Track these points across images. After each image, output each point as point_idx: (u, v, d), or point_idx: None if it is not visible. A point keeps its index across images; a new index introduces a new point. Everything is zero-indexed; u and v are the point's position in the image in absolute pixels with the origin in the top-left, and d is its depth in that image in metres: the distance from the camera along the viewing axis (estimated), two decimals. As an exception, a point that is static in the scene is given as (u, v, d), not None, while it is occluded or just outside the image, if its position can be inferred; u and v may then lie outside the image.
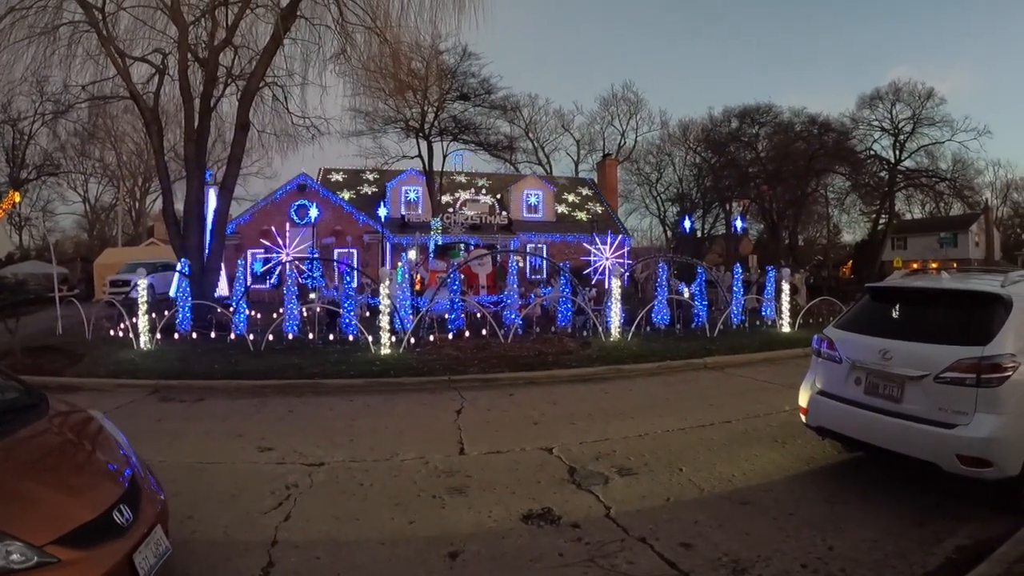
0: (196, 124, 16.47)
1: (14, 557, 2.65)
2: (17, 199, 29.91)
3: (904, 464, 5.02)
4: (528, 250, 32.50)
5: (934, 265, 30.41)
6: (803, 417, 5.94)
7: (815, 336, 6.15)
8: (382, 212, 22.28)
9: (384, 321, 12.66)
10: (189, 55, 16.52)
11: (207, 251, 16.63)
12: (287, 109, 18.85)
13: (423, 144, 31.25)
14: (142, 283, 13.65)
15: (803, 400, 5.93)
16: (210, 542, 4.42)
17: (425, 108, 29.52)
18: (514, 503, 5.11)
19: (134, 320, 13.60)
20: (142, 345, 13.06)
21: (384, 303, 12.85)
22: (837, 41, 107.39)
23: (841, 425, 5.49)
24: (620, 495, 5.28)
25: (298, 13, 16.62)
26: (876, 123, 46.22)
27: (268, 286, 22.35)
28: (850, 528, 4.56)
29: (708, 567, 4.03)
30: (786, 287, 16.40)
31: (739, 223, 23.84)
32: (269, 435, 7.20)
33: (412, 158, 32.68)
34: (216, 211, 17.11)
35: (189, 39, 16.54)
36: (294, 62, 18.35)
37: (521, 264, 30.66)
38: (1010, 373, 4.52)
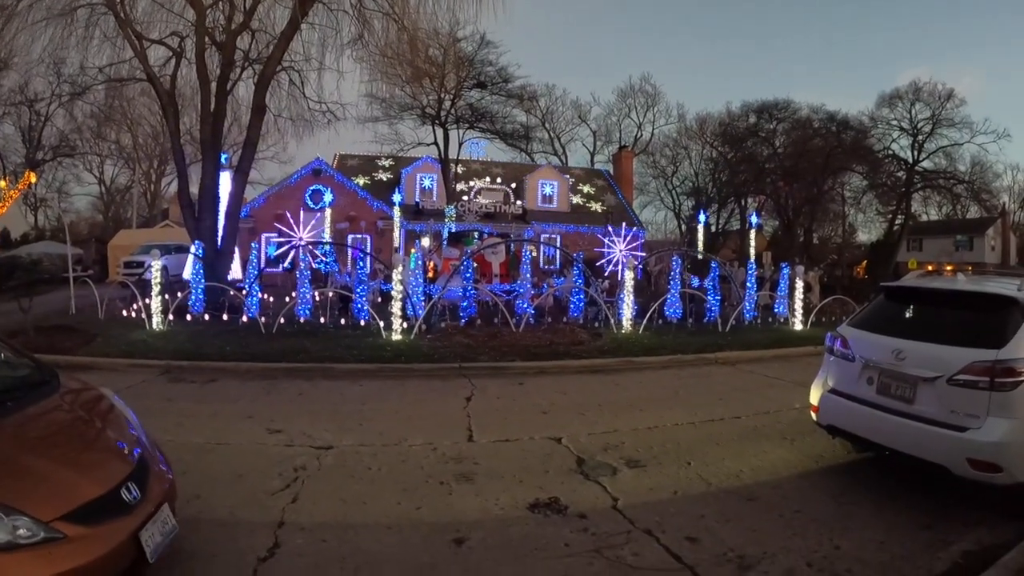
0: (212, 107, 16.48)
1: (21, 532, 2.68)
2: (33, 180, 30.12)
3: (914, 465, 4.96)
4: (542, 240, 32.43)
5: (949, 267, 30.07)
6: (814, 415, 5.88)
7: (828, 334, 6.09)
8: (396, 198, 22.24)
9: (396, 307, 12.69)
10: (207, 38, 16.51)
11: (221, 234, 16.69)
12: (303, 94, 18.86)
13: (439, 131, 31.19)
14: (156, 264, 13.71)
15: (814, 398, 5.88)
16: (217, 522, 4.44)
17: (442, 95, 29.40)
18: (521, 492, 5.11)
19: (147, 301, 13.68)
20: (154, 326, 13.16)
21: (396, 289, 12.88)
22: (855, 38, 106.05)
23: (852, 424, 5.44)
24: (627, 487, 5.26)
25: (316, -2, 16.58)
26: (895, 122, 45.61)
27: (281, 270, 22.44)
28: (857, 528, 4.54)
29: (713, 562, 4.01)
30: (799, 284, 16.26)
31: (754, 219, 23.63)
32: (279, 417, 7.24)
33: (428, 145, 32.63)
34: (231, 194, 17.15)
35: (207, 22, 16.53)
36: (311, 47, 18.28)
37: (535, 254, 30.64)
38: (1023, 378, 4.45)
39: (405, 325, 12.78)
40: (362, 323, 13.89)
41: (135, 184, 51.16)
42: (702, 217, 23.03)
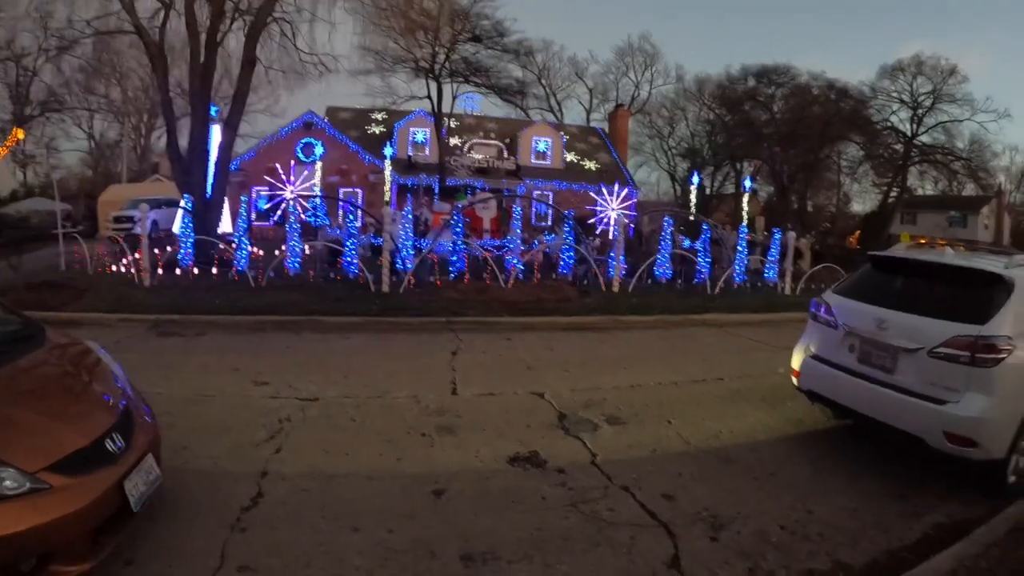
0: (202, 60, 16.13)
1: (7, 483, 2.74)
2: (21, 136, 29.60)
3: (890, 436, 4.99)
4: (535, 196, 32.28)
5: (941, 242, 30.12)
6: (794, 380, 5.92)
7: (813, 300, 6.09)
8: (388, 152, 21.98)
9: (385, 261, 12.67)
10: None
11: (210, 187, 16.52)
12: (295, 46, 18.49)
13: (432, 85, 30.74)
14: (144, 218, 13.61)
15: (796, 363, 5.90)
16: (202, 472, 4.51)
17: (436, 49, 28.87)
18: (502, 445, 5.19)
19: (136, 256, 13.58)
20: (144, 281, 13.11)
21: (386, 243, 12.85)
22: (860, 5, 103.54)
23: (831, 391, 5.47)
24: (607, 443, 5.34)
25: (308, -54, 16.16)
26: (896, 95, 45.28)
27: (271, 223, 22.34)
28: (831, 495, 4.60)
29: (687, 520, 4.10)
30: (790, 250, 16.31)
31: (748, 183, 23.52)
32: (266, 370, 7.27)
33: (421, 99, 32.17)
34: (220, 147, 16.90)
35: (196, -28, 16.08)
36: (306, -3, 17.91)
37: (525, 210, 30.54)
38: (1005, 355, 4.47)
39: (395, 279, 12.78)
40: (351, 277, 13.89)
41: (125, 138, 50.37)
42: (695, 179, 22.90)
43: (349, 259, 14.31)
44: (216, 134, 17.56)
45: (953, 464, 4.65)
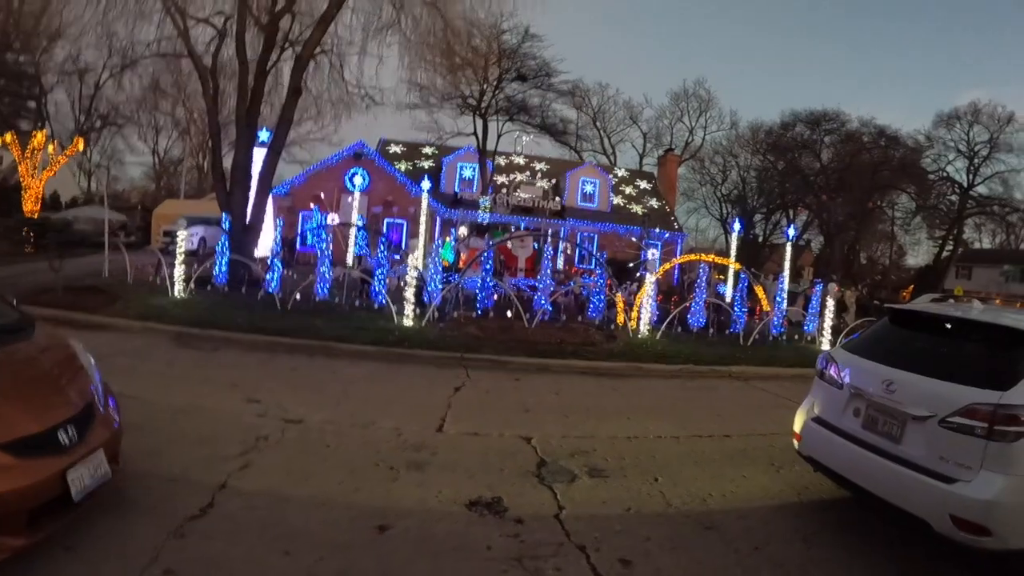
0: (250, 86, 16.66)
1: None
2: (81, 146, 31.22)
3: (892, 516, 4.38)
4: (577, 239, 32.17)
5: (998, 300, 28.71)
6: (796, 444, 5.36)
7: (822, 355, 5.59)
8: (426, 186, 22.00)
9: (409, 293, 12.66)
10: (249, 19, 16.69)
11: (250, 209, 16.89)
12: (342, 77, 19.00)
13: (479, 122, 31.16)
14: (181, 234, 14.03)
15: (797, 424, 5.36)
16: (166, 478, 4.56)
17: (484, 86, 29.31)
18: (466, 487, 4.96)
19: (171, 269, 13.96)
20: (176, 293, 13.41)
21: (411, 275, 12.86)
22: (916, 53, 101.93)
23: (831, 458, 4.90)
24: (580, 496, 5.04)
25: (357, -18, 16.65)
26: (952, 143, 44.39)
27: (312, 248, 22.74)
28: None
29: (638, 591, 3.71)
30: (830, 303, 15.74)
31: (791, 232, 22.90)
32: (262, 389, 7.30)
33: (467, 135, 32.70)
34: (262, 171, 17.31)
35: (250, 4, 16.68)
36: (355, 32, 18.39)
37: (569, 252, 30.40)
38: None
39: (418, 311, 12.75)
40: (377, 306, 13.93)
41: (186, 156, 52.55)
42: (737, 227, 22.49)
43: (377, 289, 14.39)
44: (260, 158, 18.04)
45: (966, 550, 4.01)
